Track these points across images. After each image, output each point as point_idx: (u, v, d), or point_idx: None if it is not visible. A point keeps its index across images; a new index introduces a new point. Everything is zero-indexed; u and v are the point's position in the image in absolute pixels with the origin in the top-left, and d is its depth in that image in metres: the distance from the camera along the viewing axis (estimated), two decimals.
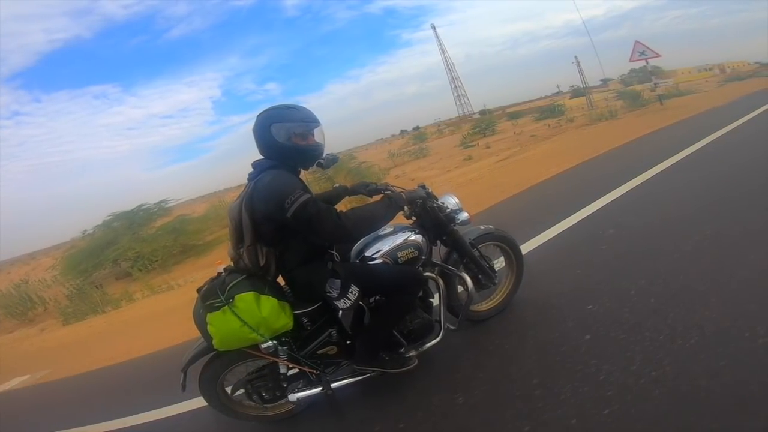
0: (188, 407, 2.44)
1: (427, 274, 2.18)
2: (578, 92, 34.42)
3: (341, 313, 2.04)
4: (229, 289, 1.74)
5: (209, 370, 1.97)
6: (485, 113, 51.74)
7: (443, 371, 2.16)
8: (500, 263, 2.61)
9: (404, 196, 2.04)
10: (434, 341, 2.13)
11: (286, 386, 2.01)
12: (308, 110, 1.91)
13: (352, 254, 2.08)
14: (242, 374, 2.05)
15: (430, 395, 2.01)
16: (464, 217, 2.28)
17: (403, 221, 2.23)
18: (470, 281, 2.21)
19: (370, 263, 2.02)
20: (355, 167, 11.61)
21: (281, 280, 1.98)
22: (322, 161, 2.00)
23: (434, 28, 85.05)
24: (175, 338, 3.93)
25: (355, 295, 1.87)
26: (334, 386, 1.98)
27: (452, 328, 2.27)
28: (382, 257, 2.02)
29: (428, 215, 2.20)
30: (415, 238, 2.11)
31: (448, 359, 2.24)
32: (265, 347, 1.82)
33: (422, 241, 2.13)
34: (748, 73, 31.64)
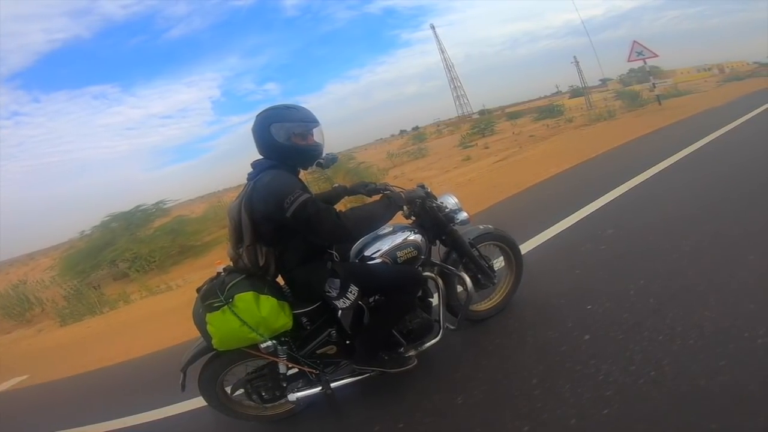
0: (188, 407, 2.43)
1: (426, 273, 2.17)
2: (577, 92, 34.50)
3: (341, 312, 2.04)
4: (228, 288, 1.74)
5: (209, 369, 1.97)
6: (484, 113, 51.78)
7: (443, 371, 2.17)
8: (499, 263, 2.61)
9: (403, 195, 2.04)
10: (433, 341, 2.14)
11: (285, 386, 2.01)
12: (307, 110, 1.92)
13: (351, 254, 2.08)
14: (242, 374, 2.05)
15: (429, 395, 2.01)
16: (463, 216, 2.28)
17: (402, 221, 2.23)
18: (469, 281, 2.22)
19: (369, 263, 2.02)
20: (353, 167, 11.60)
21: (281, 279, 1.98)
22: (321, 161, 2.01)
23: (433, 28, 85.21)
24: (170, 340, 3.94)
25: (354, 294, 1.87)
26: (333, 386, 1.98)
27: (451, 327, 2.27)
28: (381, 257, 2.02)
29: (427, 215, 2.20)
30: (414, 237, 2.11)
31: (447, 359, 2.24)
32: (264, 347, 1.82)
33: (421, 240, 2.14)
34: (746, 73, 31.69)
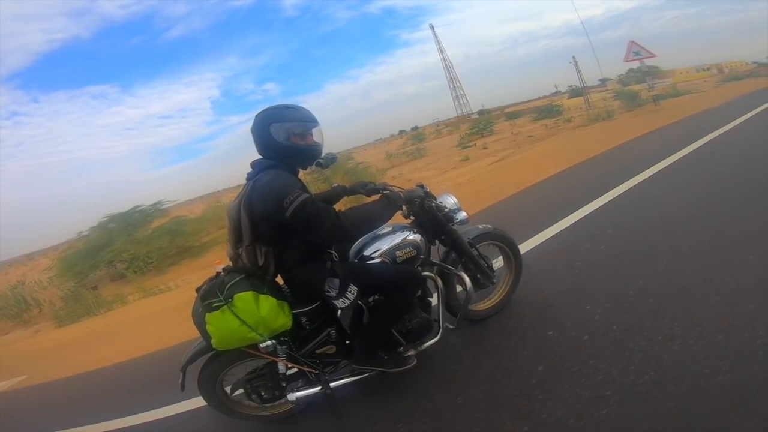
0: (187, 407, 2.43)
1: (425, 273, 2.17)
2: (576, 92, 34.52)
3: (340, 312, 2.04)
4: (228, 288, 1.74)
5: (208, 369, 1.97)
6: (483, 113, 51.78)
7: (442, 371, 2.17)
8: (499, 263, 2.61)
9: (402, 195, 2.04)
10: (433, 341, 2.14)
11: (285, 386, 2.01)
12: (307, 110, 1.92)
13: (350, 254, 2.08)
14: (241, 374, 2.05)
15: (428, 395, 2.01)
16: (462, 216, 2.29)
17: (401, 221, 2.24)
18: (469, 281, 2.21)
19: (368, 263, 2.02)
20: (352, 168, 11.60)
21: (280, 279, 1.98)
22: (321, 161, 2.01)
23: (433, 28, 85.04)
24: (164, 342, 3.95)
25: (353, 294, 1.87)
26: (333, 386, 1.98)
27: (451, 327, 2.27)
28: (380, 256, 2.02)
29: (427, 215, 2.20)
30: (413, 237, 2.11)
31: (446, 359, 2.24)
32: (264, 347, 1.82)
33: (420, 240, 2.14)
34: (745, 72, 31.73)
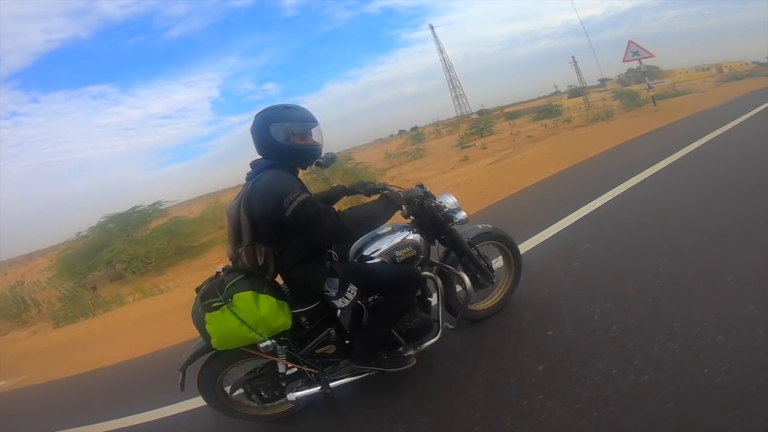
0: (187, 407, 2.43)
1: (425, 273, 2.17)
2: (576, 92, 34.52)
3: (340, 312, 2.04)
4: (227, 288, 1.74)
5: (208, 369, 1.97)
6: (483, 113, 51.78)
7: (442, 370, 2.17)
8: (498, 263, 2.61)
9: (402, 195, 2.05)
10: (433, 340, 2.14)
11: (284, 385, 2.01)
12: (306, 110, 1.92)
13: (350, 253, 2.08)
14: (241, 374, 2.05)
15: (428, 394, 2.02)
16: (462, 216, 2.29)
17: (401, 220, 2.24)
18: (468, 280, 2.21)
19: (368, 262, 2.02)
20: (351, 168, 11.60)
21: (280, 279, 1.98)
22: (320, 161, 2.02)
23: (432, 28, 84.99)
24: (163, 343, 3.96)
25: (353, 294, 1.87)
26: (332, 385, 1.98)
27: (451, 327, 2.27)
28: (380, 256, 2.02)
29: (426, 214, 2.21)
30: (413, 237, 2.11)
31: (446, 358, 2.25)
32: (263, 346, 1.82)
33: (420, 240, 2.14)
34: (745, 72, 31.74)
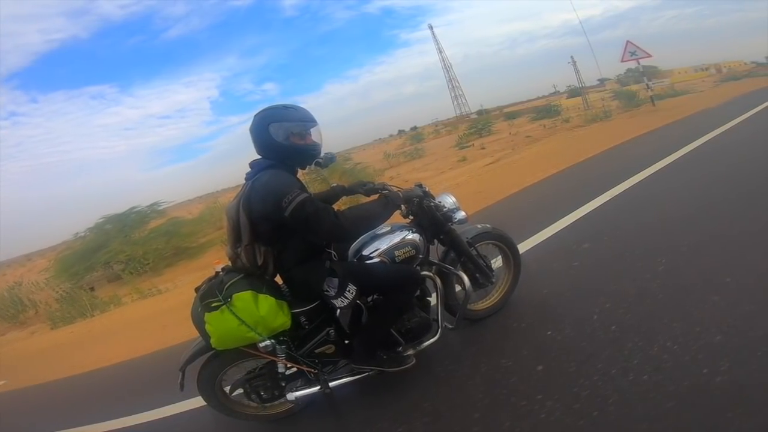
0: (187, 407, 2.43)
1: (424, 273, 2.17)
2: (575, 92, 34.52)
3: (339, 311, 2.04)
4: (226, 288, 1.74)
5: (207, 369, 1.97)
6: (482, 113, 51.79)
7: (441, 370, 2.17)
8: (497, 262, 2.62)
9: (401, 195, 2.05)
10: (432, 340, 2.14)
11: (284, 385, 2.01)
12: (305, 110, 1.92)
13: (349, 253, 2.08)
14: (240, 373, 2.05)
15: (427, 394, 2.02)
16: (461, 216, 2.29)
17: (400, 220, 2.24)
18: (467, 280, 2.22)
19: (367, 262, 2.02)
20: (350, 168, 11.59)
21: (279, 279, 1.98)
22: (320, 160, 2.01)
23: (431, 28, 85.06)
24: (155, 346, 3.96)
25: (352, 293, 1.87)
26: (332, 385, 1.98)
27: (450, 327, 2.27)
28: (379, 256, 2.02)
29: (425, 214, 2.21)
30: (412, 236, 2.12)
31: (445, 358, 2.25)
32: (263, 346, 1.82)
33: (419, 239, 2.14)
34: (743, 72, 31.74)
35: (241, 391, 2.04)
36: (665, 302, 2.19)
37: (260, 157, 1.88)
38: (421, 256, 2.14)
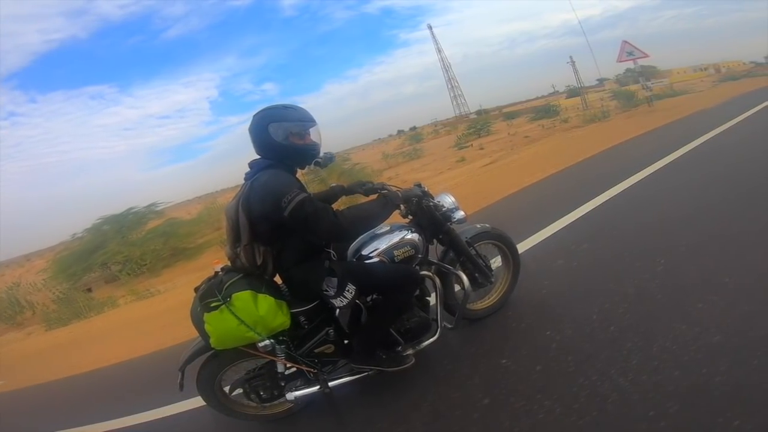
0: (186, 407, 2.42)
1: (423, 272, 2.17)
2: (574, 92, 34.54)
3: (338, 311, 2.04)
4: (226, 288, 1.74)
5: (207, 369, 1.97)
6: (481, 113, 51.79)
7: (440, 370, 2.17)
8: (497, 262, 2.62)
9: (400, 194, 2.05)
10: (431, 340, 2.14)
11: (283, 385, 2.01)
12: (305, 110, 1.92)
13: (348, 253, 2.08)
14: (240, 373, 2.05)
15: (427, 394, 2.02)
16: (460, 215, 2.29)
17: (399, 220, 2.24)
18: (467, 280, 2.22)
19: (366, 262, 2.02)
20: (348, 168, 11.60)
21: (279, 279, 1.98)
22: (319, 160, 2.01)
23: (431, 28, 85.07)
24: (152, 346, 3.96)
25: (351, 293, 1.87)
26: (331, 385, 1.98)
27: (449, 326, 2.27)
28: (378, 256, 2.02)
29: (424, 214, 2.20)
30: (411, 236, 2.11)
31: (445, 358, 2.25)
32: (262, 346, 1.81)
33: (418, 239, 2.14)
34: (742, 72, 31.71)
35: (240, 390, 2.04)
36: (664, 302, 2.19)
37: (259, 157, 1.88)
38: (420, 255, 2.14)
